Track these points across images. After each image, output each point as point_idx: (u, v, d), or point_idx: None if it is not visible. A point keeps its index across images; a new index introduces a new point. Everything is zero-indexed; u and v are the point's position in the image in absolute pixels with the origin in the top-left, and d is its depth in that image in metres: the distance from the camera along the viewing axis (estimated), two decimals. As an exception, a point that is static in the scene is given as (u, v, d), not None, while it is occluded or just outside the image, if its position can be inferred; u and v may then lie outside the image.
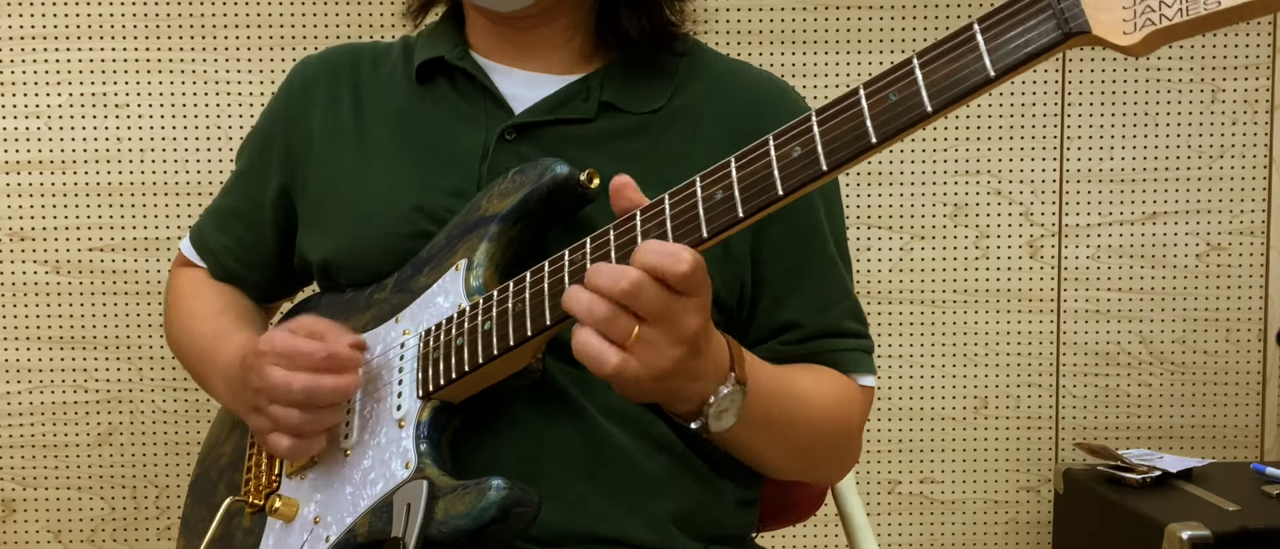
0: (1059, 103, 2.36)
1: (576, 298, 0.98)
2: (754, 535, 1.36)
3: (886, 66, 0.92)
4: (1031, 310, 2.40)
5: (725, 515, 1.27)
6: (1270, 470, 2.17)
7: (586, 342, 0.97)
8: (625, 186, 1.02)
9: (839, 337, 1.27)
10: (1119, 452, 2.26)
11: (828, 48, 2.32)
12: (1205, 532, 1.92)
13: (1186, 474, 2.18)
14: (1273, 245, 2.38)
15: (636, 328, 0.96)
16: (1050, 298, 2.40)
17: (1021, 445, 2.43)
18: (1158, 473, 2.16)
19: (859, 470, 2.40)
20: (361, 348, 1.17)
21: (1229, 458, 2.42)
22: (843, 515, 1.57)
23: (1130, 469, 2.18)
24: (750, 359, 1.11)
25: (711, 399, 1.05)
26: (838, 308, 1.28)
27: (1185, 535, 1.92)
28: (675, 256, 0.96)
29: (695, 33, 1.34)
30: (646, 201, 1.02)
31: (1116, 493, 2.14)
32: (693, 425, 1.07)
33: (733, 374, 1.06)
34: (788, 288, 1.26)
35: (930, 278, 2.37)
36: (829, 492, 1.56)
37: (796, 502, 1.50)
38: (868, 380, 1.28)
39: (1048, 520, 2.42)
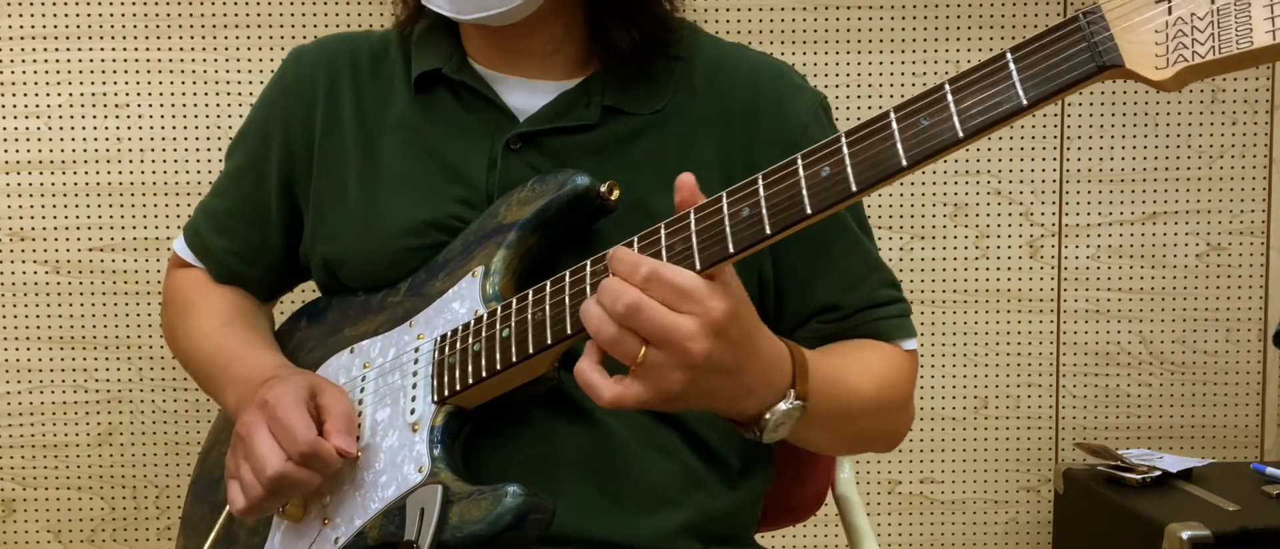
0: (1059, 103, 2.36)
1: (588, 313, 0.97)
2: (754, 535, 1.37)
3: (886, 66, 0.92)
4: (1031, 310, 2.40)
5: (729, 518, 1.28)
6: (1270, 470, 2.18)
7: (583, 373, 0.97)
8: (685, 186, 1.00)
9: (876, 307, 1.26)
10: (1119, 452, 2.26)
11: (828, 48, 2.32)
12: (1205, 532, 1.92)
13: (1186, 474, 2.18)
14: (1273, 245, 2.39)
15: (643, 350, 0.95)
16: (1050, 298, 2.40)
17: (1021, 445, 2.43)
18: (1158, 473, 2.16)
19: (859, 470, 2.40)
20: (349, 457, 1.15)
21: (1229, 458, 2.42)
22: (843, 515, 1.58)
23: (1130, 469, 2.18)
24: (811, 361, 1.07)
25: (768, 415, 1.02)
26: (869, 281, 1.27)
27: (1185, 535, 1.92)
28: (633, 269, 0.95)
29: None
30: (704, 199, 1.00)
31: (1116, 493, 2.14)
32: (747, 436, 1.04)
33: (793, 390, 1.03)
34: (815, 271, 1.25)
35: (930, 278, 2.37)
36: (829, 491, 1.56)
37: (797, 501, 1.50)
38: (911, 344, 1.27)
39: (1048, 520, 2.43)
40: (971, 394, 2.41)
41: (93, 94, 2.25)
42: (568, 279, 1.07)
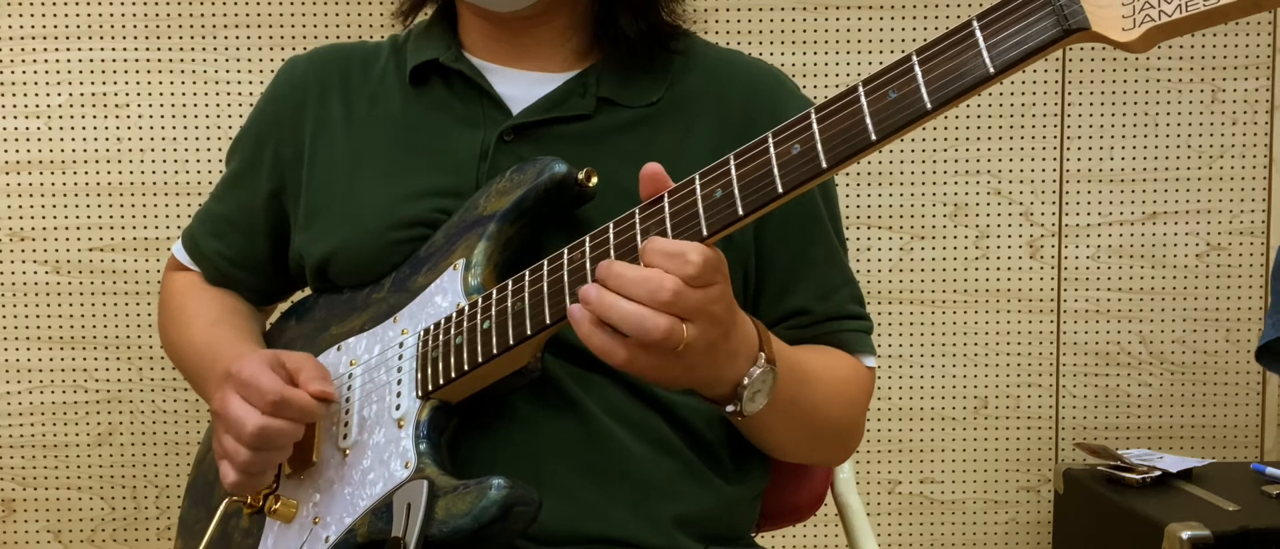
0: (1059, 103, 2.36)
1: (624, 312, 0.96)
2: (754, 535, 1.36)
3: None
4: (1031, 310, 2.40)
5: (725, 515, 1.27)
6: (1270, 470, 2.17)
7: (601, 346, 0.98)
8: (657, 176, 1.01)
9: (845, 318, 1.29)
10: (1119, 452, 2.26)
11: (828, 48, 2.32)
12: (1205, 532, 1.92)
13: (1186, 474, 2.17)
14: (1273, 245, 2.38)
15: (686, 328, 0.96)
16: (1050, 298, 2.40)
17: (1021, 445, 2.43)
18: (1158, 473, 2.16)
19: (859, 470, 2.40)
20: (327, 398, 1.16)
21: (1229, 458, 2.42)
22: (843, 516, 1.57)
23: (1130, 469, 2.17)
24: (774, 338, 1.10)
25: (745, 381, 1.04)
26: (841, 292, 1.29)
27: (1185, 535, 1.91)
28: (682, 258, 0.95)
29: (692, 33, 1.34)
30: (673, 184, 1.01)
31: (1116, 493, 2.14)
32: (728, 409, 1.06)
33: (762, 354, 1.05)
34: (793, 275, 1.26)
35: (930, 278, 2.37)
36: (829, 491, 1.56)
37: (796, 502, 1.50)
38: (870, 361, 1.29)
39: (1048, 520, 2.42)
40: (971, 394, 2.41)
41: (93, 94, 2.26)
42: (546, 268, 1.07)
